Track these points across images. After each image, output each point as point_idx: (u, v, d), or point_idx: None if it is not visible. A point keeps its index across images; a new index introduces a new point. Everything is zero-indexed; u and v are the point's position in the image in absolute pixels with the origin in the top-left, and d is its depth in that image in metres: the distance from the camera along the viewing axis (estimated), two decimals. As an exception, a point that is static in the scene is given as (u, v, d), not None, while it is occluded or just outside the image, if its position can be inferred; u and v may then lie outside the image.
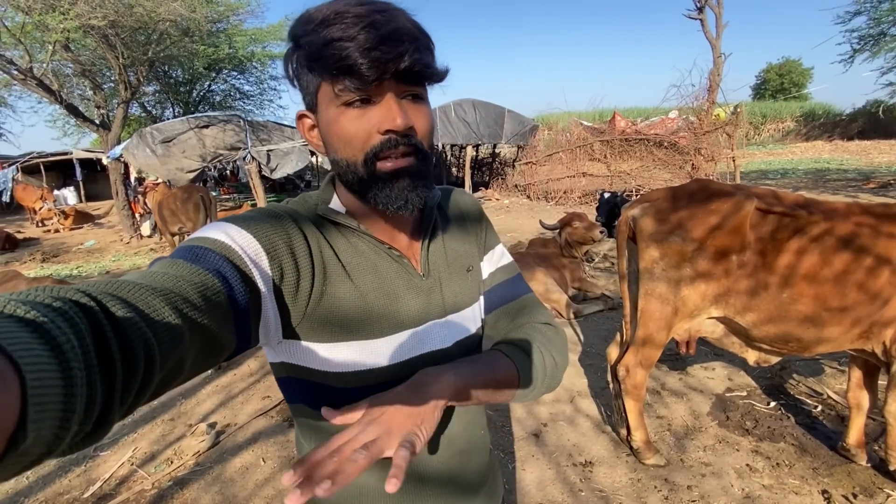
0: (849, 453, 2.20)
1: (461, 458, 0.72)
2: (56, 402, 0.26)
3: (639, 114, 21.97)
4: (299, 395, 0.67)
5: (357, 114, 0.57)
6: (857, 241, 1.82)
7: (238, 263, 0.51)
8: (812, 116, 29.27)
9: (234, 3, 10.95)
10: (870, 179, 11.28)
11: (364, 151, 0.58)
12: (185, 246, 0.52)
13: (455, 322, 0.70)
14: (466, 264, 0.74)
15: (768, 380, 2.96)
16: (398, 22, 0.55)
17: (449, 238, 0.74)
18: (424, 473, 0.69)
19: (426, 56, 0.57)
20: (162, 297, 0.40)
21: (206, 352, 0.45)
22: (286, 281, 0.57)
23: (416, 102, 0.60)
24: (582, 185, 11.23)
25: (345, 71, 0.54)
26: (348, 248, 0.64)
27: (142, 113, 14.28)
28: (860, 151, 18.99)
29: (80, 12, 7.16)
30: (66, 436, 0.27)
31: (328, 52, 0.54)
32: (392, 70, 0.54)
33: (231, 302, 0.49)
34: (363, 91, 0.56)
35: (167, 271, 0.46)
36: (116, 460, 2.50)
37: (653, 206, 2.11)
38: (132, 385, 0.34)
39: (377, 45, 0.53)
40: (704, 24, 10.53)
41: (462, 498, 0.73)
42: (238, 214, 0.59)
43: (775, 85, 36.97)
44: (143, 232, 10.07)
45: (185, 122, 8.95)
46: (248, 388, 3.20)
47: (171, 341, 0.39)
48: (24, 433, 0.24)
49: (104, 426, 0.32)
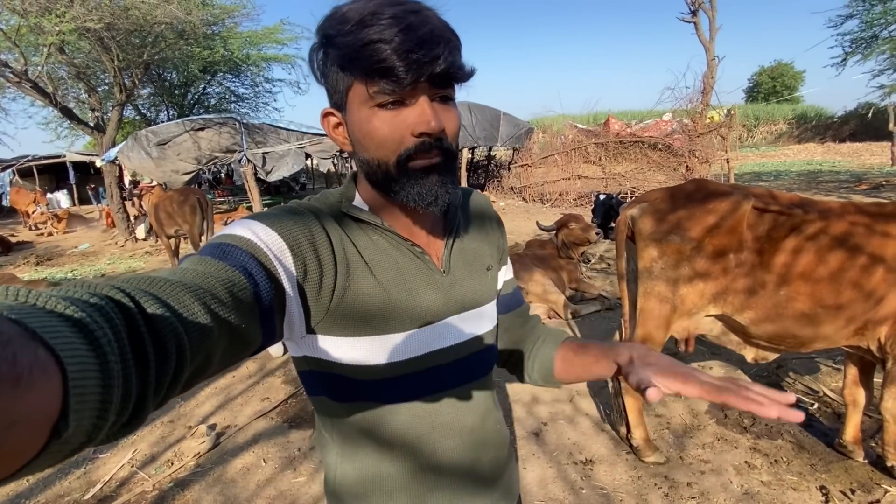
0: (846, 450, 2.23)
1: (476, 450, 0.74)
2: (95, 393, 0.27)
3: (633, 116, 22.08)
4: (321, 388, 0.68)
5: (390, 115, 0.58)
6: (851, 240, 1.85)
7: (263, 260, 0.53)
8: (804, 119, 29.56)
9: (229, 6, 10.95)
10: (862, 181, 11.41)
11: (397, 153, 0.59)
12: (212, 243, 0.53)
13: (473, 318, 0.72)
14: (486, 263, 0.76)
15: (765, 378, 2.99)
16: (432, 23, 0.55)
17: (469, 238, 0.75)
18: (440, 463, 0.70)
19: (458, 58, 0.58)
20: (192, 294, 0.42)
21: (234, 346, 0.47)
22: (309, 277, 0.58)
23: (446, 104, 0.60)
24: (577, 187, 11.28)
25: (382, 73, 0.54)
26: (370, 245, 0.65)
27: (136, 116, 14.22)
28: (852, 153, 19.19)
29: (75, 15, 7.14)
30: (105, 425, 0.29)
31: (365, 53, 0.54)
32: (428, 73, 0.55)
33: (257, 298, 0.50)
34: (398, 93, 0.56)
35: (196, 268, 0.47)
36: (116, 462, 2.49)
37: (651, 206, 2.14)
38: (164, 378, 0.36)
39: (415, 49, 0.53)
40: (698, 27, 10.63)
41: (478, 491, 0.75)
42: (265, 211, 0.61)
43: (768, 88, 37.33)
44: (139, 235, 10.01)
45: (181, 124, 8.92)
46: (247, 390, 3.19)
47: (200, 336, 0.40)
48: (66, 422, 0.26)
49: (139, 417, 0.34)
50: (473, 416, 0.73)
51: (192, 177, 8.95)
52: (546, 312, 4.06)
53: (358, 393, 0.66)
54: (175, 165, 8.67)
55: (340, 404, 0.68)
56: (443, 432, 0.70)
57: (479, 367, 0.74)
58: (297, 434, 2.65)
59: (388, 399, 0.67)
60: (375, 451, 0.69)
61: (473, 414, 0.73)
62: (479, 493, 0.75)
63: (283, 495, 2.20)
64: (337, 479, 0.71)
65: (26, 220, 12.94)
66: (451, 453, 0.71)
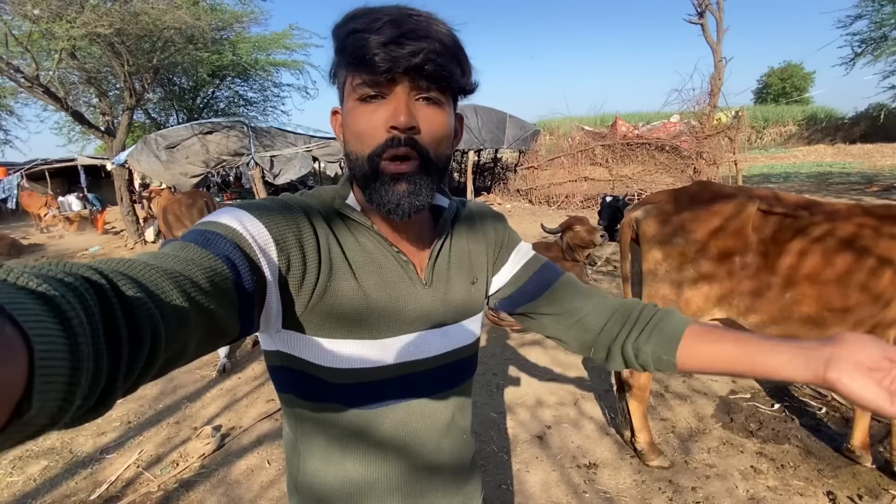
0: (853, 455, 2.20)
1: (463, 445, 0.75)
2: (62, 374, 0.26)
3: (640, 118, 21.98)
4: (290, 385, 0.68)
5: (370, 109, 0.58)
6: (859, 242, 1.83)
7: (247, 251, 0.52)
8: (814, 120, 29.24)
9: (238, 12, 11.04)
10: (873, 183, 11.27)
11: (371, 147, 0.59)
12: (197, 229, 0.52)
13: (453, 332, 0.71)
14: (472, 276, 0.74)
15: (772, 382, 2.96)
16: (425, 24, 0.56)
17: (457, 250, 0.74)
18: (434, 463, 0.71)
19: (446, 60, 0.57)
20: (171, 280, 0.41)
21: (210, 335, 0.46)
22: (292, 272, 0.58)
23: (431, 105, 0.59)
24: (584, 189, 11.25)
25: (361, 61, 0.55)
26: (356, 247, 0.65)
27: (146, 119, 14.39)
28: (863, 155, 18.96)
29: (86, 21, 7.23)
30: (70, 409, 0.28)
31: (349, 41, 0.56)
32: (404, 65, 0.54)
33: (237, 288, 0.49)
34: (376, 86, 0.57)
35: (178, 254, 0.46)
36: (122, 462, 2.51)
37: (655, 208, 2.12)
38: (136, 364, 0.35)
39: (395, 40, 0.54)
40: (705, 28, 10.57)
41: (462, 483, 0.76)
42: (251, 201, 0.60)
43: (777, 89, 36.98)
44: (148, 237, 10.12)
45: (190, 128, 9.01)
46: (252, 392, 3.21)
47: (177, 323, 0.39)
48: (30, 403, 0.25)
49: (106, 403, 0.32)
50: (444, 418, 0.72)
51: (200, 180, 9.04)
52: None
53: (325, 394, 0.65)
54: (184, 168, 8.76)
55: (308, 403, 0.67)
56: (413, 435, 0.69)
57: (454, 377, 0.73)
58: (301, 436, 2.66)
59: (355, 403, 0.66)
60: (350, 452, 0.68)
61: (444, 415, 0.72)
62: (446, 493, 0.75)
63: (286, 497, 2.21)
64: (299, 477, 0.71)
65: (38, 223, 13.11)
66: (444, 454, 0.71)
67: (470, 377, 0.77)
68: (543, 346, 3.66)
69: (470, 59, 0.62)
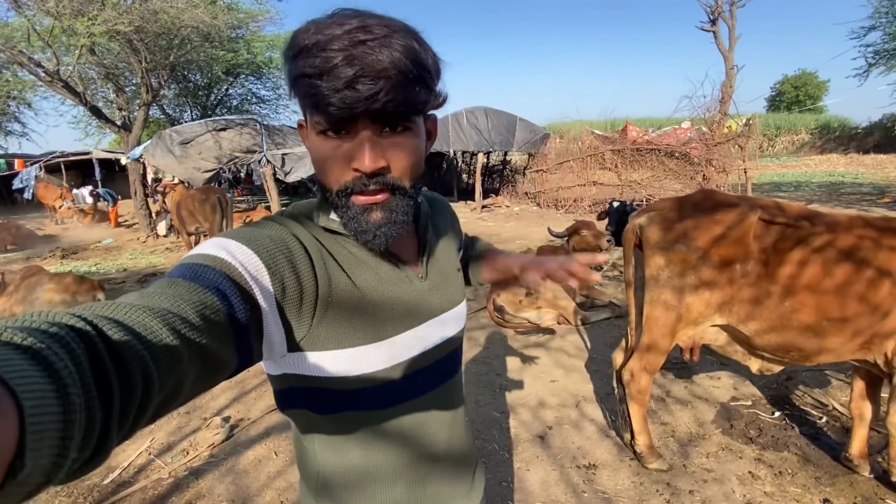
0: (851, 464, 2.22)
1: (464, 435, 0.80)
2: (54, 429, 0.26)
3: (651, 124, 21.92)
4: (304, 403, 0.67)
5: (333, 145, 0.57)
6: (858, 254, 1.86)
7: (238, 280, 0.51)
8: (827, 129, 28.96)
9: (253, 11, 11.20)
10: (884, 194, 11.16)
11: (339, 183, 0.58)
12: (183, 264, 0.51)
13: (448, 320, 0.75)
14: (455, 265, 0.81)
15: (774, 390, 2.98)
16: (381, 54, 0.51)
17: (440, 243, 0.79)
18: (436, 453, 0.75)
19: (408, 92, 0.54)
20: (159, 318, 0.40)
21: (207, 371, 0.45)
22: (288, 296, 0.56)
23: (398, 135, 0.57)
24: (592, 193, 11.26)
25: (315, 107, 0.54)
26: (349, 257, 0.65)
27: (161, 115, 14.63)
28: (876, 165, 18.75)
29: (106, 18, 7.40)
30: (65, 463, 0.27)
31: (300, 84, 0.54)
32: (362, 110, 0.52)
33: (230, 320, 0.48)
34: (336, 126, 0.55)
35: (164, 291, 0.45)
36: (135, 449, 2.59)
37: (659, 215, 2.17)
38: (130, 409, 0.34)
39: (348, 85, 0.51)
40: (717, 36, 10.55)
41: (464, 474, 0.81)
42: (238, 229, 0.59)
43: (790, 97, 36.68)
44: (160, 231, 10.29)
45: (203, 124, 9.16)
46: (261, 385, 3.29)
47: (169, 363, 0.38)
48: (23, 462, 0.24)
49: (102, 452, 0.32)
50: (452, 409, 0.78)
51: (212, 175, 9.19)
52: (556, 318, 4.09)
53: (341, 404, 0.66)
54: (197, 164, 8.91)
55: (324, 416, 0.67)
56: (428, 428, 0.74)
57: (453, 364, 0.78)
58: (307, 429, 2.73)
59: (373, 406, 0.67)
60: (366, 450, 0.70)
61: (451, 407, 0.78)
62: (464, 474, 0.81)
63: (292, 487, 2.27)
64: (321, 473, 0.71)
65: (53, 214, 13.36)
66: (443, 444, 0.76)
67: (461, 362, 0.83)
68: (547, 348, 3.70)
69: (437, 57, 0.58)
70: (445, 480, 0.77)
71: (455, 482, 0.79)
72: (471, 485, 0.83)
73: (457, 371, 0.80)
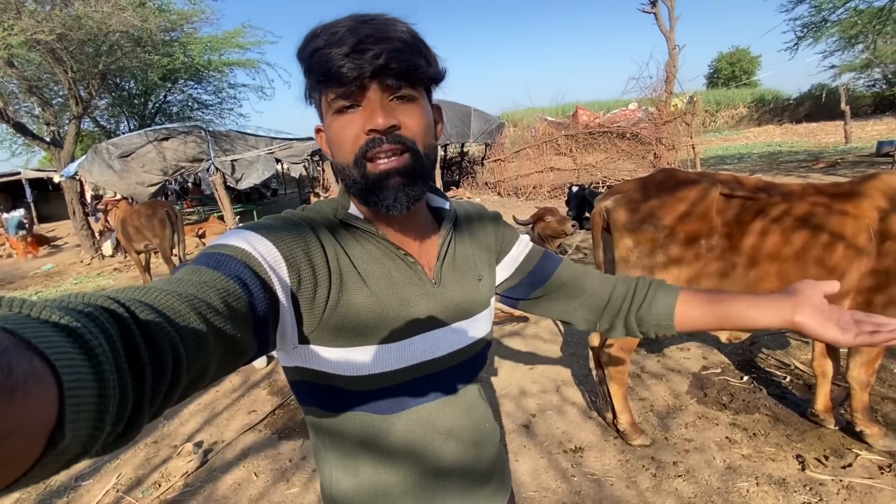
0: (818, 419, 2.34)
1: (474, 450, 0.76)
2: (90, 402, 0.27)
3: (600, 107, 22.48)
4: (312, 399, 0.69)
5: (347, 119, 0.60)
6: (813, 220, 1.94)
7: (258, 270, 0.53)
8: (762, 102, 30.61)
9: (187, 11, 10.63)
10: (819, 160, 11.91)
11: (354, 153, 0.61)
12: (207, 252, 0.53)
13: (464, 328, 0.73)
14: (478, 273, 0.76)
15: (740, 356, 3.11)
16: (382, 27, 0.57)
17: (461, 248, 0.76)
18: (442, 468, 0.72)
19: (410, 56, 0.58)
20: (187, 303, 0.42)
21: (229, 355, 0.47)
22: (303, 288, 0.58)
23: (406, 102, 0.61)
24: (550, 179, 11.44)
25: (330, 77, 0.57)
26: (364, 255, 0.66)
27: (95, 128, 13.70)
28: (808, 133, 19.99)
29: (24, 27, 6.83)
30: (101, 436, 0.29)
31: (313, 60, 0.58)
32: (370, 69, 0.56)
33: (251, 308, 0.50)
34: (348, 96, 0.59)
35: (191, 278, 0.47)
36: (101, 488, 2.42)
37: (624, 198, 2.19)
38: (161, 387, 0.36)
39: (355, 48, 0.55)
40: (658, 17, 10.87)
41: (476, 489, 0.77)
42: (259, 221, 0.61)
43: (727, 73, 38.45)
44: (105, 251, 9.67)
45: (143, 135, 8.65)
46: (232, 405, 3.14)
47: (196, 345, 0.40)
48: (63, 432, 0.26)
49: (135, 427, 0.33)
50: (468, 418, 0.75)
51: (158, 189, 8.70)
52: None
53: (350, 403, 0.67)
54: (140, 178, 8.41)
55: (333, 414, 0.68)
56: (441, 437, 0.71)
57: (469, 372, 0.75)
58: (287, 445, 2.63)
59: (380, 409, 0.67)
60: (373, 459, 0.69)
61: (468, 416, 0.75)
62: (477, 489, 0.77)
63: (277, 508, 2.18)
64: (334, 487, 0.72)
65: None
66: (452, 457, 0.72)
67: (481, 370, 0.79)
68: (522, 336, 3.72)
69: (433, 49, 0.64)
70: (458, 494, 0.74)
71: (468, 496, 0.76)
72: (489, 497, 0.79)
73: (468, 381, 0.76)
